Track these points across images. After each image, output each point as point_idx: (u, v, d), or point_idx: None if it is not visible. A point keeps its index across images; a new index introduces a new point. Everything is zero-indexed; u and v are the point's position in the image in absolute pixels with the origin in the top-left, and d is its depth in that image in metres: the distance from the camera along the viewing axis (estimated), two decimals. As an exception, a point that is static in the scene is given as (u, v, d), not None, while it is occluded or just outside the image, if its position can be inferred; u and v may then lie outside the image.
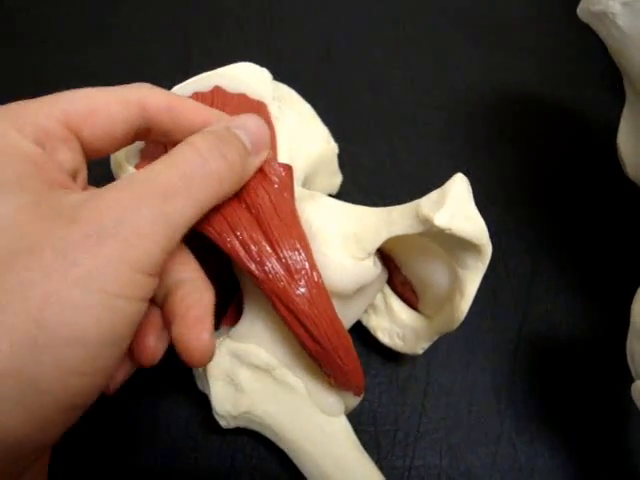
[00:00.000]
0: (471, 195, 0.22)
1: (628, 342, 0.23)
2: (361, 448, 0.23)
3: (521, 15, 0.42)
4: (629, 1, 0.24)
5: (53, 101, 0.19)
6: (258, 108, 0.24)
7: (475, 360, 0.28)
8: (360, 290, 0.22)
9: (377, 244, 0.21)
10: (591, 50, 0.33)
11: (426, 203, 0.20)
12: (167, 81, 0.26)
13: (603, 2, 0.25)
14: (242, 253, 0.20)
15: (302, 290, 0.20)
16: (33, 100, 0.19)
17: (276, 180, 0.21)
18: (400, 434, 0.26)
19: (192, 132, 0.20)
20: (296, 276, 0.20)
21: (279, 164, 0.21)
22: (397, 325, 0.25)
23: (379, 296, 0.26)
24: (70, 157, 0.19)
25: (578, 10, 0.27)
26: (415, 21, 0.41)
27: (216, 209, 0.20)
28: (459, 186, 0.21)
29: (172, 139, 0.21)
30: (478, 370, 0.28)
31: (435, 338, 0.24)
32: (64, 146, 0.19)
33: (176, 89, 0.25)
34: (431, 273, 0.23)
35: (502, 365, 0.28)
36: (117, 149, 0.21)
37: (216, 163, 0.18)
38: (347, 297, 0.22)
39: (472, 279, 0.22)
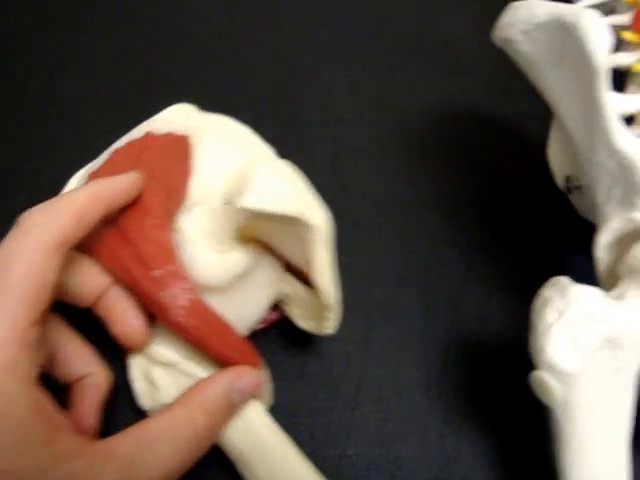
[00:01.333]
0: (286, 174, 0.24)
1: (530, 336, 0.25)
2: (280, 433, 0.25)
3: (463, 35, 0.45)
4: (528, 29, 0.27)
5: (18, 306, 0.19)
6: (181, 141, 0.27)
7: (406, 358, 0.30)
8: (241, 279, 0.25)
9: (228, 235, 0.25)
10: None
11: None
12: (129, 119, 0.30)
13: (506, 30, 0.28)
14: (123, 276, 0.24)
15: (174, 298, 0.23)
16: None
17: (149, 206, 0.24)
18: (333, 426, 0.28)
19: (115, 208, 0.23)
20: (165, 288, 0.23)
21: (156, 191, 0.25)
22: (306, 308, 0.27)
23: (288, 285, 0.28)
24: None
25: (492, 36, 0.30)
26: (364, 43, 0.44)
27: (99, 241, 0.24)
28: (262, 170, 0.23)
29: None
30: (409, 367, 0.30)
31: (330, 315, 0.25)
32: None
33: (120, 140, 0.29)
34: (298, 254, 0.26)
35: (433, 363, 0.30)
36: None
37: (206, 443, 0.22)
38: (227, 289, 0.25)
39: (316, 252, 0.24)
